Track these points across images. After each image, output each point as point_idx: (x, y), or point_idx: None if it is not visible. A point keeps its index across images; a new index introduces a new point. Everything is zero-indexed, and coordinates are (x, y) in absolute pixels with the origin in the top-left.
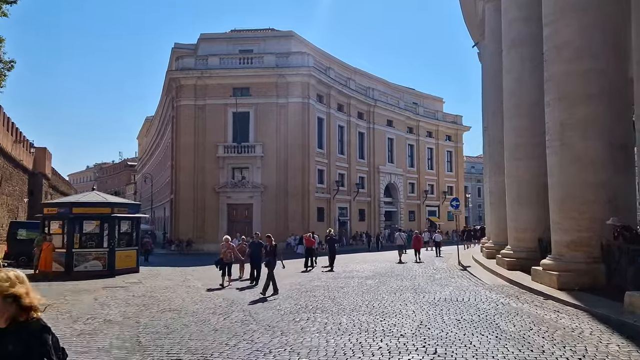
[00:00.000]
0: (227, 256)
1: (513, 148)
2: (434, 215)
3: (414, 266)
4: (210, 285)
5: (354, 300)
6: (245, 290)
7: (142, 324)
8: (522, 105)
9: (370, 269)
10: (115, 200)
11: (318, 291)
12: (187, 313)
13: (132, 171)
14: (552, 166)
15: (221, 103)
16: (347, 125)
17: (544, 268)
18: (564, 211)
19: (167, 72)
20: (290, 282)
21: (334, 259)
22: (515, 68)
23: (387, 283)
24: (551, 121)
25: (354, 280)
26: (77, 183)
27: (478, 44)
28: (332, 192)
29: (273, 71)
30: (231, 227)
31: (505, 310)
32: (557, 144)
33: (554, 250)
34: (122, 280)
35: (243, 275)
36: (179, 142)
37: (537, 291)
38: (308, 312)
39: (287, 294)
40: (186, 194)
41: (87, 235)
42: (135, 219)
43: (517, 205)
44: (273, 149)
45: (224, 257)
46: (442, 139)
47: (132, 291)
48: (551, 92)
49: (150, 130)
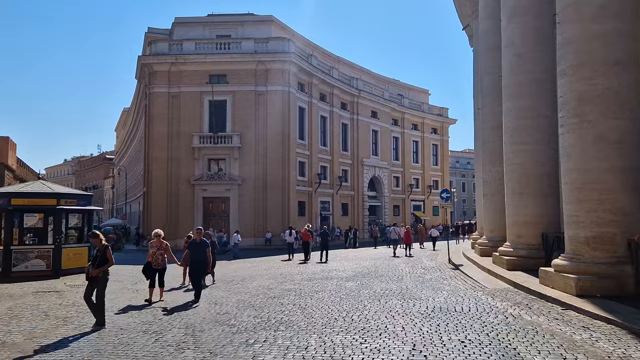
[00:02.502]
0: (157, 260)
1: (513, 131)
2: (419, 210)
3: (400, 264)
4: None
5: (329, 311)
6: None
7: (43, 347)
8: (524, 83)
9: (351, 268)
10: (62, 190)
11: (288, 297)
12: (113, 330)
13: (111, 164)
14: (567, 147)
15: (197, 91)
16: (330, 115)
17: (557, 269)
18: (582, 201)
19: (139, 57)
20: (258, 285)
21: (327, 251)
22: (515, 41)
23: (369, 286)
24: (567, 94)
25: (332, 282)
26: (54, 177)
27: (468, 26)
28: (314, 186)
29: (252, 57)
30: (207, 221)
31: (519, 325)
32: (573, 120)
33: (568, 248)
34: (64, 283)
35: (186, 283)
36: (152, 132)
37: (550, 298)
38: (268, 330)
39: (250, 301)
40: (159, 187)
41: (29, 231)
42: (86, 212)
43: (517, 197)
44: (251, 140)
45: (154, 261)
46: (427, 131)
47: (64, 298)
48: (567, 59)
49: (127, 121)
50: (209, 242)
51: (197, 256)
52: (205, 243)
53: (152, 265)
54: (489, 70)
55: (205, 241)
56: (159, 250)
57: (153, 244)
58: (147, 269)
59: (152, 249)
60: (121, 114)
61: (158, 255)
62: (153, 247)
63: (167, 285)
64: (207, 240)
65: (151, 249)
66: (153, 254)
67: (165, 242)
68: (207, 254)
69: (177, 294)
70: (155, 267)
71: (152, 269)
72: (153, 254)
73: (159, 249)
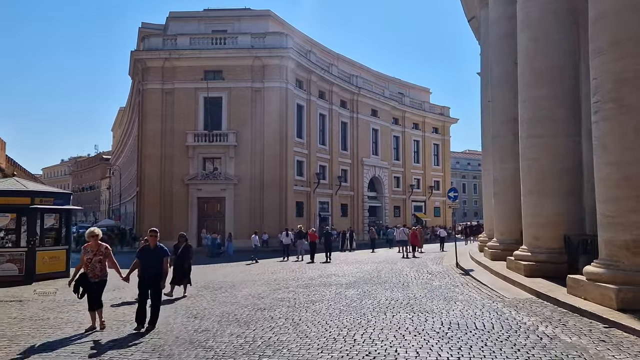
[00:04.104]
0: (94, 270)
1: (529, 124)
2: (420, 211)
3: (404, 268)
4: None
5: (327, 328)
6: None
7: None
8: (543, 70)
9: (351, 273)
10: (37, 188)
11: (280, 308)
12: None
13: (108, 165)
14: (601, 137)
15: (191, 87)
16: (329, 113)
17: (590, 278)
18: (620, 200)
19: (132, 53)
20: (248, 293)
21: (330, 252)
22: (533, 24)
23: (373, 294)
24: (602, 75)
25: (331, 290)
26: (51, 177)
27: (474, 18)
28: (313, 186)
29: (248, 52)
30: (202, 222)
31: (560, 350)
32: (610, 106)
33: (604, 253)
34: (33, 290)
35: (172, 293)
36: (145, 130)
37: (586, 312)
38: (251, 355)
39: (235, 315)
40: (152, 187)
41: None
42: (63, 212)
43: (535, 195)
44: (248, 138)
45: (90, 272)
46: (428, 131)
47: (24, 309)
48: (602, 36)
49: (123, 120)
50: (166, 249)
51: (148, 267)
52: (162, 250)
53: (87, 278)
54: (499, 60)
55: (161, 248)
56: (96, 256)
57: (87, 248)
58: (81, 282)
59: (87, 254)
60: (117, 113)
61: (95, 263)
62: (88, 252)
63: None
64: (164, 247)
65: (85, 254)
66: (89, 262)
67: (105, 244)
68: (162, 265)
69: None
70: (92, 279)
71: (88, 281)
72: (89, 262)
73: (97, 255)
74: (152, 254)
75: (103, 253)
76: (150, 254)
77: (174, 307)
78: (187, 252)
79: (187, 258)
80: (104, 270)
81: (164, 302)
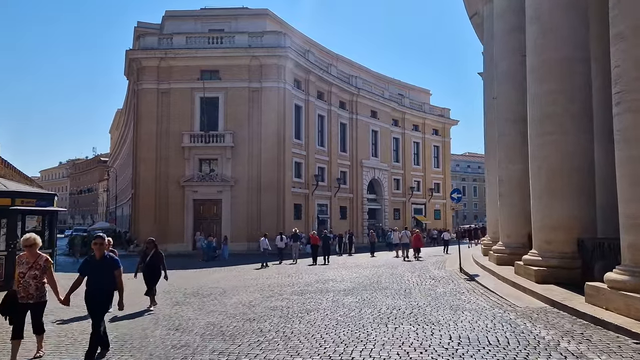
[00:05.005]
0: (28, 289)
1: (539, 121)
2: (420, 214)
3: (406, 273)
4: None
5: (321, 343)
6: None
7: None
8: (553, 63)
9: (350, 278)
10: (17, 189)
11: (271, 319)
12: None
13: (105, 167)
14: (624, 131)
15: (187, 87)
16: (328, 114)
17: (613, 286)
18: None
19: (127, 52)
20: (238, 301)
21: (329, 255)
22: (542, 14)
23: (373, 303)
24: (625, 62)
25: (327, 297)
26: (49, 180)
27: (476, 14)
28: (311, 188)
29: (245, 52)
30: (198, 224)
31: None
32: (634, 97)
33: (628, 258)
34: None
35: (153, 307)
36: (140, 131)
37: (611, 325)
38: None
39: (221, 327)
40: (147, 188)
41: None
42: (46, 213)
43: (546, 196)
44: (245, 139)
45: (22, 291)
46: (428, 132)
47: None
48: (624, 20)
49: (120, 121)
50: (117, 259)
51: (96, 283)
52: (112, 261)
53: (16, 298)
54: (505, 55)
55: (111, 258)
56: (31, 270)
57: (22, 259)
58: (8, 303)
59: (21, 267)
60: (115, 115)
61: (29, 279)
62: (22, 265)
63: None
64: (114, 256)
65: (19, 267)
66: (21, 277)
67: (45, 256)
68: (114, 280)
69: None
70: (23, 300)
71: (20, 303)
72: (21, 277)
73: (32, 269)
74: (100, 266)
75: (41, 267)
76: (98, 267)
77: (155, 317)
78: (157, 258)
79: (158, 266)
80: (41, 289)
81: (146, 314)
